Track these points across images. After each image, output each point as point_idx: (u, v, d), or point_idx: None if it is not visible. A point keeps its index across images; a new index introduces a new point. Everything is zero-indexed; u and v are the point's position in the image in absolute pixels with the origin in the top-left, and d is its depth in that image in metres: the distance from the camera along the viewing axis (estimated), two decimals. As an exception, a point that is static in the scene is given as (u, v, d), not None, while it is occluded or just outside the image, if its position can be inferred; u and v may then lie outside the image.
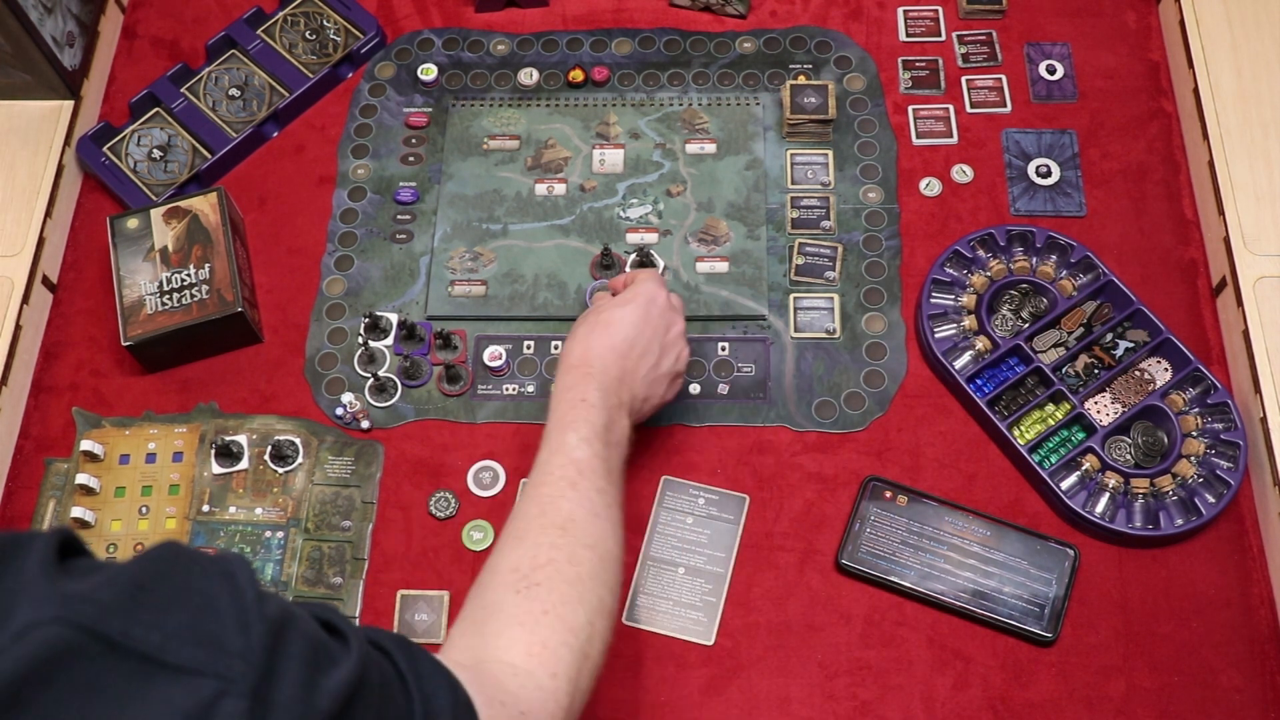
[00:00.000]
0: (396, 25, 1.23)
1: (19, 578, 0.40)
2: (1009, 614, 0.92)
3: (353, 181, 1.14)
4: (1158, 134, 1.14)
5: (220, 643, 0.43)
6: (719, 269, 1.08)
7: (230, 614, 0.44)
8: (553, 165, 1.14)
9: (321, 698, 0.45)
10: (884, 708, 0.91)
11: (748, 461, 1.00)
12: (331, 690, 0.46)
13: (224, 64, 1.19)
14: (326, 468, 1.00)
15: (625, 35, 1.21)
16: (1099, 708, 0.90)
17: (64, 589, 0.41)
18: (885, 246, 1.09)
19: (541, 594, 0.70)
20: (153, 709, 0.39)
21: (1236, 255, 1.02)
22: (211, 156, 1.14)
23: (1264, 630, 0.93)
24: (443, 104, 1.18)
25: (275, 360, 1.06)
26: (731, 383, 1.03)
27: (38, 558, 0.41)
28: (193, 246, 1.05)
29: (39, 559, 0.41)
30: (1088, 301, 1.03)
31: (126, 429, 1.03)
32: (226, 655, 0.42)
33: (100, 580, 0.42)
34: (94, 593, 0.41)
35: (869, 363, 1.04)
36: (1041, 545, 0.95)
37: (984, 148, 1.14)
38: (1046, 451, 0.98)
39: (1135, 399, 1.00)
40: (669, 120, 1.16)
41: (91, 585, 0.41)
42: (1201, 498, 0.95)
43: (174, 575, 0.45)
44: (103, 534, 0.98)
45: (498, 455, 1.01)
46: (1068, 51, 1.18)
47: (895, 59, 1.18)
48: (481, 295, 1.07)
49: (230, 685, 0.42)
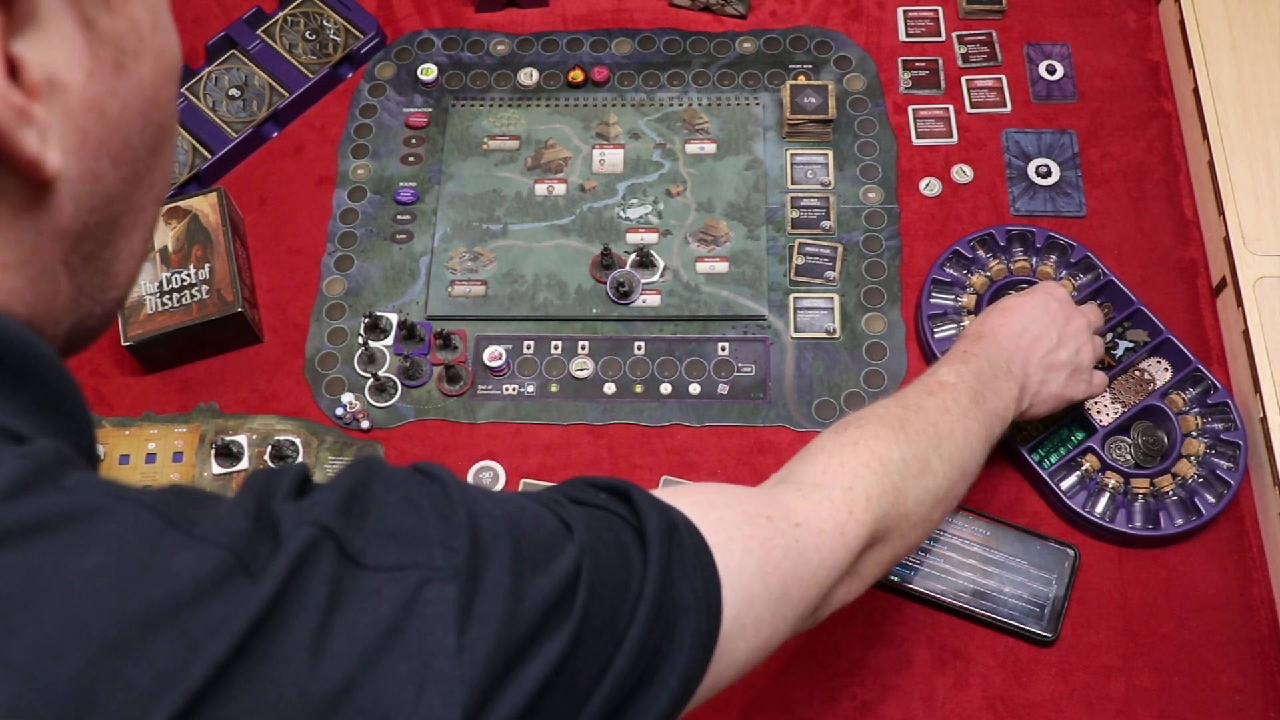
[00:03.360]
0: (396, 25, 1.23)
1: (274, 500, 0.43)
2: (1009, 614, 0.92)
3: (353, 181, 1.14)
4: (1158, 134, 1.14)
5: (421, 536, 0.44)
6: (719, 269, 1.08)
7: (431, 509, 0.45)
8: (553, 165, 1.14)
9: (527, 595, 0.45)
10: (884, 708, 0.91)
11: (748, 462, 1.00)
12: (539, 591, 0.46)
13: (224, 64, 1.19)
14: (326, 468, 1.01)
15: (625, 35, 1.21)
16: (1099, 708, 0.90)
17: (304, 501, 0.43)
18: (885, 246, 1.09)
19: (853, 430, 0.69)
20: (368, 603, 0.41)
21: (1236, 255, 1.02)
22: (211, 156, 1.14)
23: (1264, 630, 0.93)
24: (443, 104, 1.18)
25: (275, 360, 1.06)
26: (731, 383, 1.03)
27: (288, 485, 0.44)
28: (193, 246, 1.05)
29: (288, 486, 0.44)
30: (1088, 301, 1.03)
31: (126, 429, 1.03)
32: (427, 545, 0.43)
33: (324, 490, 0.44)
34: (323, 498, 0.43)
35: (869, 363, 1.04)
36: (1041, 545, 0.95)
37: (984, 148, 1.14)
38: (1046, 451, 0.98)
39: (1135, 399, 1.00)
40: (669, 120, 1.16)
41: (320, 494, 0.44)
42: (1201, 498, 0.95)
43: (379, 482, 0.46)
44: (103, 534, 0.98)
45: (498, 455, 1.01)
46: (1068, 51, 1.18)
47: (895, 59, 1.18)
48: (481, 295, 1.07)
49: (434, 572, 0.43)
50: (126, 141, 0.42)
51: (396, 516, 0.44)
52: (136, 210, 0.45)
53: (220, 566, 0.39)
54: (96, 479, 0.41)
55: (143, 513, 0.39)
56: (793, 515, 0.62)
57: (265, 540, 0.41)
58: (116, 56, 0.41)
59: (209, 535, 0.40)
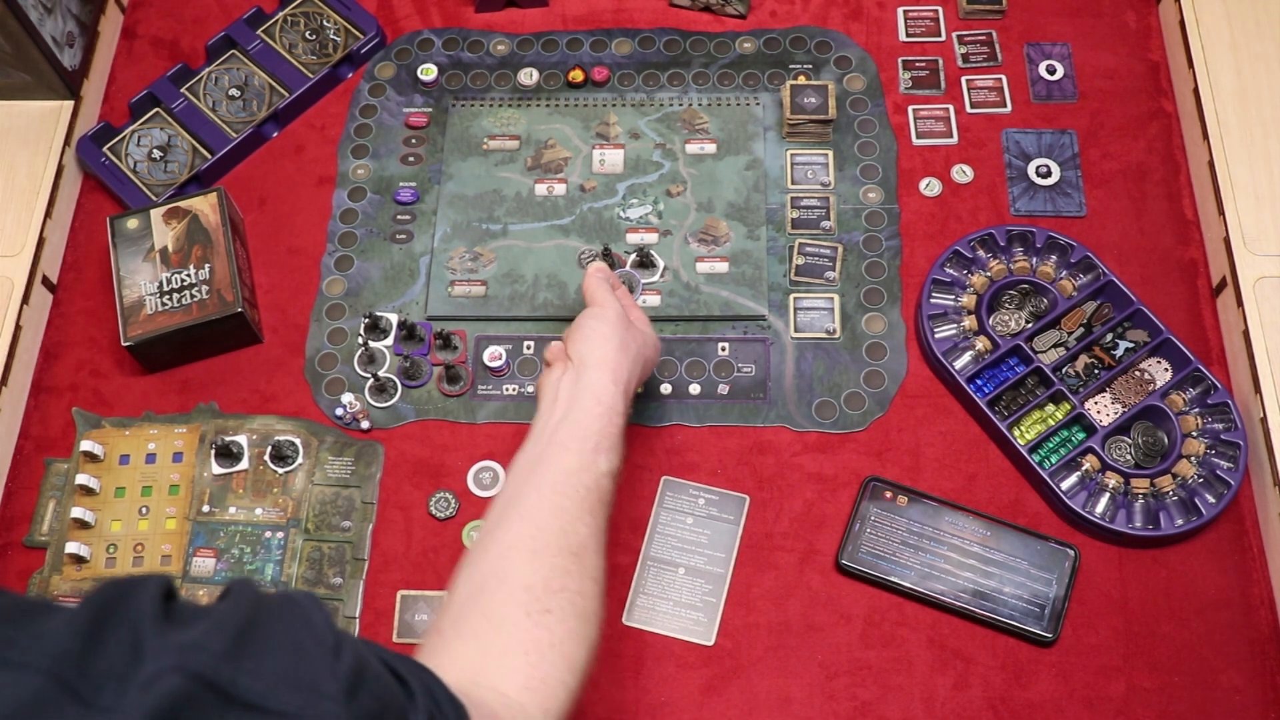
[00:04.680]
0: (396, 25, 1.23)
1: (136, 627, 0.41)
2: (1009, 614, 0.92)
3: (353, 181, 1.14)
4: (1158, 134, 1.14)
5: (315, 686, 0.43)
6: (719, 269, 1.08)
7: (317, 656, 0.45)
8: (553, 165, 1.14)
9: None
10: (884, 708, 0.91)
11: (748, 462, 1.00)
12: None
13: (224, 64, 1.19)
14: (326, 468, 1.00)
15: (625, 35, 1.21)
16: (1099, 708, 0.90)
17: (177, 638, 0.41)
18: (885, 246, 1.09)
19: (552, 623, 0.69)
20: None
21: (1236, 255, 1.02)
22: (211, 157, 1.14)
23: (1264, 630, 0.93)
24: (443, 104, 1.18)
25: (275, 360, 1.06)
26: (731, 383, 1.03)
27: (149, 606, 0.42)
28: (193, 247, 1.05)
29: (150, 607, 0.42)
30: (1088, 301, 1.03)
31: (126, 429, 1.03)
32: (322, 698, 0.43)
33: (206, 627, 0.42)
34: (204, 640, 0.41)
35: (869, 363, 1.04)
36: (1041, 545, 0.95)
37: (984, 148, 1.14)
38: (1046, 452, 0.98)
39: (1135, 399, 1.00)
40: (669, 120, 1.16)
41: (199, 633, 0.42)
42: (1201, 498, 0.95)
43: (264, 619, 0.45)
44: (103, 534, 0.98)
45: (498, 455, 1.01)
46: (1068, 51, 1.18)
47: (895, 59, 1.18)
48: (481, 295, 1.07)
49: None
50: None
51: (290, 660, 0.43)
52: None
53: (38, 694, 0.36)
54: None
55: None
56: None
57: (108, 661, 0.38)
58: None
59: (25, 659, 0.37)
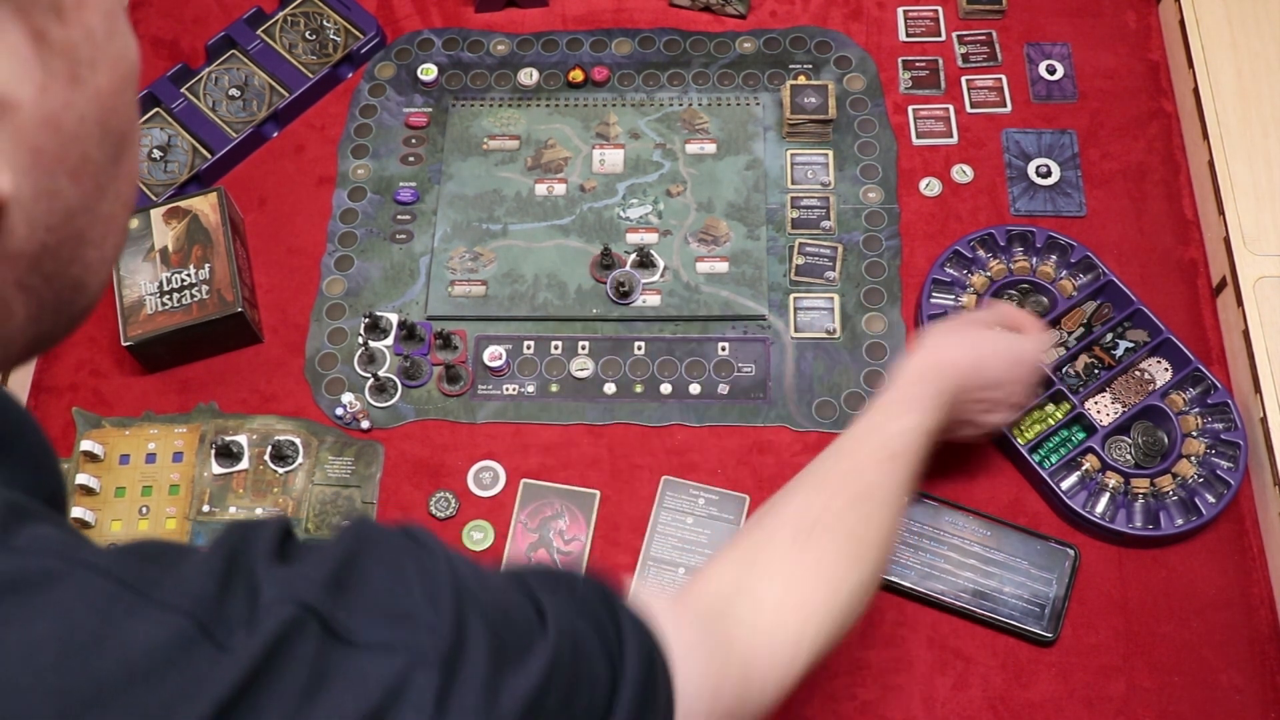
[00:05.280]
0: (396, 25, 1.23)
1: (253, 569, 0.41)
2: (1009, 614, 0.92)
3: (353, 181, 1.14)
4: (1158, 134, 1.14)
5: (411, 617, 0.43)
6: (719, 269, 1.08)
7: (419, 586, 0.44)
8: (553, 165, 1.14)
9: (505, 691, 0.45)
10: (884, 708, 0.91)
11: (748, 462, 1.00)
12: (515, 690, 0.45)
13: (224, 64, 1.19)
14: (326, 468, 1.01)
15: (625, 35, 1.21)
16: (1099, 708, 0.90)
17: (284, 572, 0.42)
18: (885, 246, 1.09)
19: (818, 552, 0.68)
20: (354, 685, 0.40)
21: (1236, 255, 1.02)
22: (211, 156, 1.14)
23: (1264, 630, 0.93)
24: (443, 104, 1.18)
25: (275, 360, 1.06)
26: (732, 383, 1.03)
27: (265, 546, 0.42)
28: (193, 247, 1.05)
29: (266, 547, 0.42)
30: (1088, 301, 1.03)
31: (126, 429, 1.03)
32: (417, 629, 0.42)
33: (311, 561, 0.43)
34: (309, 572, 0.42)
35: (869, 363, 1.04)
36: (1041, 545, 0.95)
37: (984, 148, 1.14)
38: (1046, 451, 0.98)
39: (1135, 399, 1.00)
40: (669, 120, 1.16)
41: (306, 566, 0.42)
42: (1201, 498, 0.95)
43: (369, 552, 0.45)
44: (103, 534, 0.98)
45: (498, 455, 1.01)
46: (1068, 51, 1.18)
47: (895, 59, 1.18)
48: (481, 295, 1.07)
49: (420, 656, 0.42)
50: (85, 155, 0.39)
51: (386, 591, 0.43)
52: (106, 221, 0.42)
53: (180, 635, 0.37)
54: (51, 535, 0.38)
55: (94, 578, 0.37)
56: (746, 654, 0.62)
57: (238, 605, 0.39)
58: (71, 68, 0.38)
59: (168, 599, 0.37)
